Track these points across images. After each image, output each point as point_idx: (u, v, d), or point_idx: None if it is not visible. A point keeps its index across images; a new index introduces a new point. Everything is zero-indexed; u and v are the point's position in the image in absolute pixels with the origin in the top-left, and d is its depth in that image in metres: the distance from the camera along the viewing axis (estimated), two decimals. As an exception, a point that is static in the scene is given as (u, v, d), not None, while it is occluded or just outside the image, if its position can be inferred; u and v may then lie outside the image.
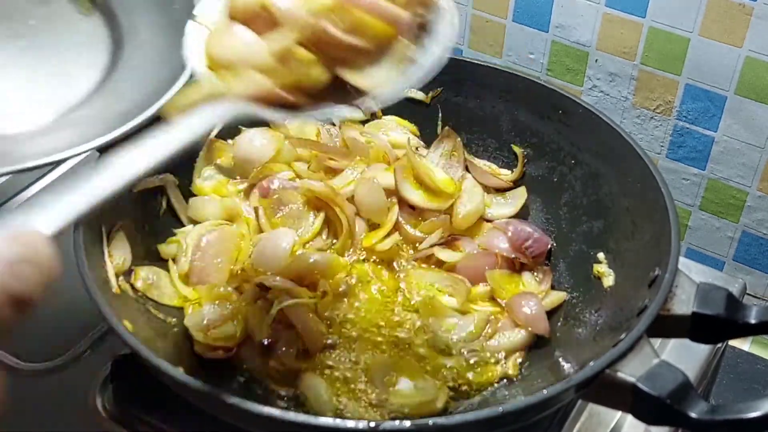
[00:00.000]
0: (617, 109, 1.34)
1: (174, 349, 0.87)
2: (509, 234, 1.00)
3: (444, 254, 1.00)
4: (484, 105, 1.09)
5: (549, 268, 1.01)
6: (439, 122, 1.12)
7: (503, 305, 0.97)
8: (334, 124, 1.11)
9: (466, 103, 1.10)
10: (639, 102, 1.32)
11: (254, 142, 1.06)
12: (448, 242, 1.02)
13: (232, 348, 0.90)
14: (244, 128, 1.06)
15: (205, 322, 0.90)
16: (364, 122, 1.12)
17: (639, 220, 0.93)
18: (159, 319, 0.90)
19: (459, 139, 1.08)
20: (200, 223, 1.01)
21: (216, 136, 1.06)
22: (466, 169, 1.08)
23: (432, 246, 1.01)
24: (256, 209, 1.03)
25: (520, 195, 1.07)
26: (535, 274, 1.00)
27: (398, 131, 1.11)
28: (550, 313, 0.96)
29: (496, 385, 0.91)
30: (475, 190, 1.05)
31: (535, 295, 0.96)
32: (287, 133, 1.08)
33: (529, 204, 1.07)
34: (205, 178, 1.05)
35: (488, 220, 1.06)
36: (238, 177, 1.06)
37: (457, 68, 1.09)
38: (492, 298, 0.98)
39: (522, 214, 1.06)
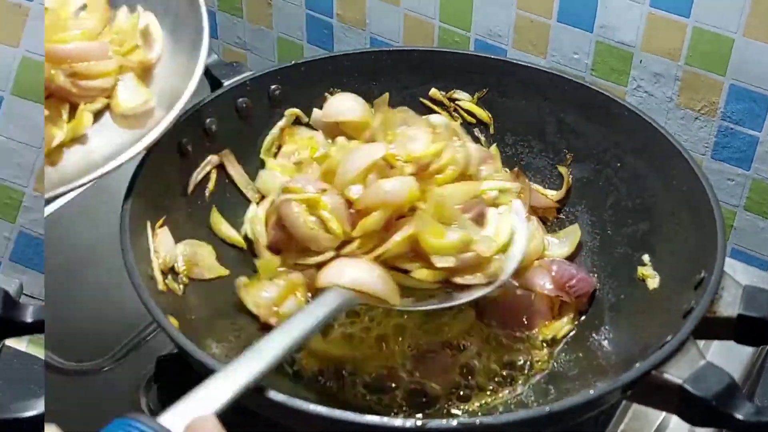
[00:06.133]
0: (661, 109, 1.34)
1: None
2: (553, 273, 0.97)
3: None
4: (528, 106, 1.09)
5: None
6: (491, 125, 1.11)
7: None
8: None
9: (511, 104, 1.10)
10: (683, 103, 1.32)
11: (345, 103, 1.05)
12: None
13: None
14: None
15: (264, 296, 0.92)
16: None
17: (684, 222, 0.93)
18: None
19: (528, 182, 1.06)
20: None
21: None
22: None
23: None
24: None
25: (574, 233, 1.03)
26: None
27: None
28: None
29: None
30: (536, 234, 1.01)
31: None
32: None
33: (577, 216, 1.06)
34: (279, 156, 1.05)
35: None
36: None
37: (501, 69, 1.10)
38: None
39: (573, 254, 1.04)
